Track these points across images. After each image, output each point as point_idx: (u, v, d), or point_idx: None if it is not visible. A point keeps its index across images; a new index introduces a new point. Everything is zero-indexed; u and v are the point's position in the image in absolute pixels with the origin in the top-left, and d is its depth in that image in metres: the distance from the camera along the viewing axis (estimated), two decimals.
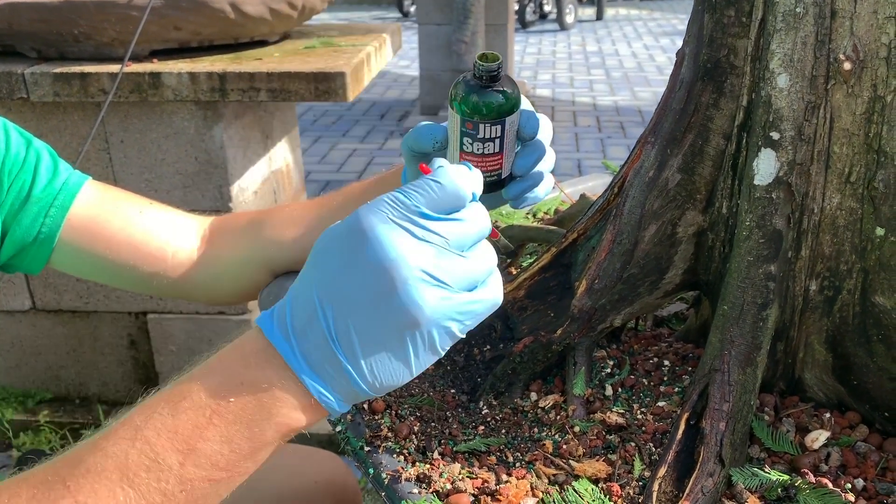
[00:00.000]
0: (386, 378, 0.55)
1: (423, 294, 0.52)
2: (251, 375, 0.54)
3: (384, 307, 0.53)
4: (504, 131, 0.73)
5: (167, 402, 0.55)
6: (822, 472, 0.69)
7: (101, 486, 0.52)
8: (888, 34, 0.62)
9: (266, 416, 0.54)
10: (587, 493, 0.67)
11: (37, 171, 0.90)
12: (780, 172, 0.69)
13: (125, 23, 1.75)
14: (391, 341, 0.54)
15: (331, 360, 0.54)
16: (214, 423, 0.54)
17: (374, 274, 0.53)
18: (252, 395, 0.54)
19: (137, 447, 0.53)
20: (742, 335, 0.72)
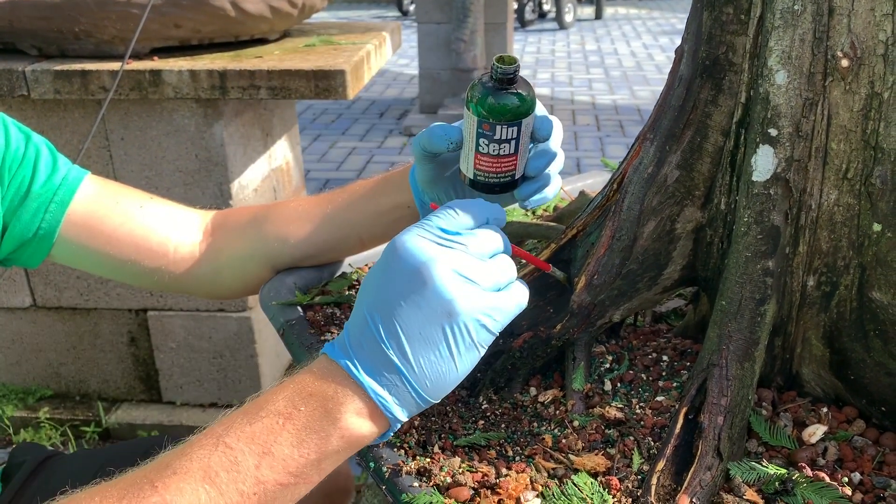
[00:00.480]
0: (434, 374, 0.61)
1: (454, 286, 0.60)
2: (318, 387, 0.61)
3: (423, 303, 0.60)
4: (520, 133, 0.74)
5: (245, 413, 0.61)
6: (819, 465, 0.70)
7: (186, 485, 0.57)
8: (885, 31, 0.62)
9: (332, 422, 0.60)
10: (586, 487, 0.68)
11: (36, 166, 0.90)
12: (778, 169, 0.69)
13: (126, 20, 1.75)
14: (434, 334, 0.60)
15: (384, 362, 0.60)
16: (287, 429, 0.60)
17: (409, 276, 0.60)
18: (319, 402, 0.60)
19: (219, 451, 0.59)
20: (740, 330, 0.72)
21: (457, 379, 0.63)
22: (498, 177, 0.78)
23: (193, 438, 0.61)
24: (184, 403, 2.26)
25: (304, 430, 0.60)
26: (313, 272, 1.01)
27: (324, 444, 0.60)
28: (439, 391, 0.62)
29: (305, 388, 0.61)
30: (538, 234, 0.95)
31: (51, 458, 1.11)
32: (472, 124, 0.75)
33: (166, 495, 0.56)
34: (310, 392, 0.61)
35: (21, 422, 2.24)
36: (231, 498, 0.57)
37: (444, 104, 5.49)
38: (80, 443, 2.22)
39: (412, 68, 7.17)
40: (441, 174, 0.87)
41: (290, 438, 0.59)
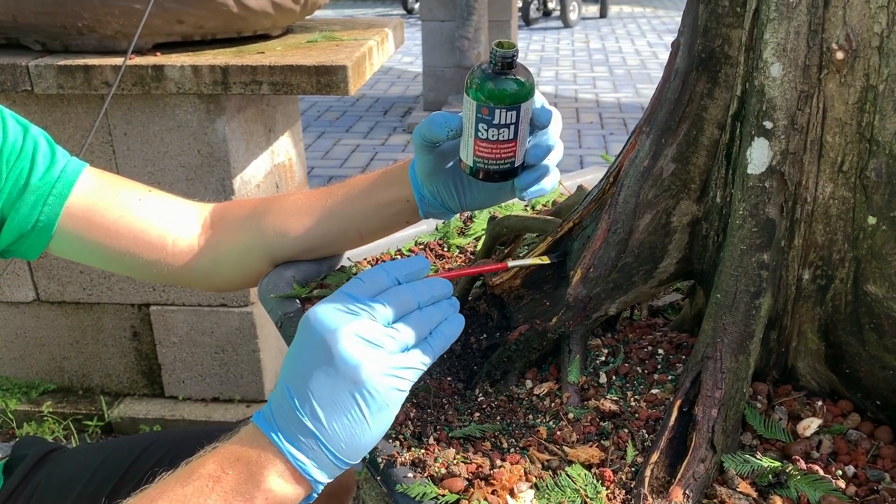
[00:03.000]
0: (348, 436, 0.64)
1: (357, 353, 0.63)
2: (244, 452, 0.65)
3: (331, 371, 0.63)
4: (519, 118, 0.74)
5: (178, 477, 0.65)
6: (813, 458, 0.70)
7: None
8: (880, 23, 0.62)
9: (255, 485, 0.63)
10: (580, 479, 0.68)
11: (34, 158, 0.90)
12: (773, 162, 0.69)
13: (129, 16, 1.76)
14: (344, 399, 0.63)
15: (300, 428, 0.64)
16: (216, 491, 0.63)
17: (317, 346, 0.64)
18: (245, 466, 0.64)
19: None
20: (734, 323, 0.72)
21: (372, 439, 0.65)
22: (497, 163, 0.78)
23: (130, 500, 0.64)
24: (186, 398, 2.27)
25: (231, 492, 0.63)
26: (312, 265, 1.01)
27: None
28: (355, 452, 0.65)
29: (233, 453, 0.65)
30: (536, 227, 0.95)
31: (53, 452, 1.11)
32: (472, 110, 0.75)
33: None
34: (237, 457, 0.64)
35: (24, 415, 2.25)
36: None
37: (447, 101, 5.49)
38: (83, 437, 2.23)
39: (416, 66, 7.17)
40: (441, 166, 0.87)
41: (219, 500, 0.63)
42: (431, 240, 1.12)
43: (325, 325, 0.65)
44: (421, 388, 0.81)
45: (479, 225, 1.14)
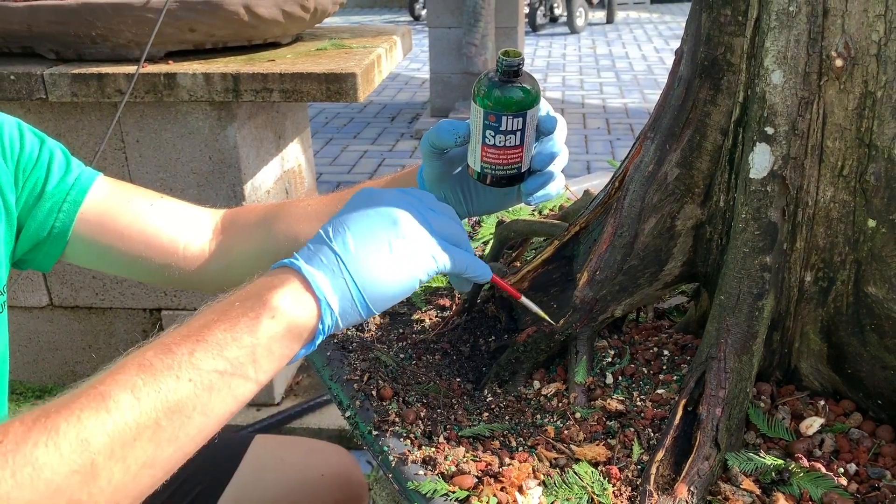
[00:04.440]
0: (371, 268, 0.64)
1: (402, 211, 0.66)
2: (257, 284, 0.64)
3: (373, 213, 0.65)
4: (525, 124, 0.76)
5: (187, 320, 0.63)
6: (815, 457, 0.71)
7: (121, 376, 0.58)
8: (878, 32, 0.64)
9: (262, 303, 0.61)
10: (587, 476, 0.69)
11: (49, 168, 0.93)
12: (775, 166, 0.71)
13: (141, 25, 1.79)
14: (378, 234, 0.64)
15: (325, 252, 0.64)
16: (221, 321, 0.61)
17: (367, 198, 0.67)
18: (254, 294, 0.63)
19: (155, 347, 0.60)
20: (738, 324, 0.74)
21: (392, 284, 0.65)
22: (504, 169, 0.80)
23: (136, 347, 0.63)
24: None
25: (237, 317, 0.61)
26: None
27: (255, 325, 0.61)
28: (375, 287, 0.64)
29: (246, 289, 0.64)
30: (543, 231, 0.97)
31: None
32: (479, 116, 0.77)
33: (101, 387, 0.57)
34: (246, 291, 0.64)
35: None
36: (166, 384, 0.58)
37: (455, 108, 5.52)
38: None
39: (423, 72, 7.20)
40: (449, 172, 0.89)
41: (224, 326, 0.61)
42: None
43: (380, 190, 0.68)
44: (431, 389, 0.82)
45: (488, 229, 1.16)
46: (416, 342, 0.92)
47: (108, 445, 0.55)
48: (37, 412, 0.56)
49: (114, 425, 0.55)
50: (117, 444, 0.55)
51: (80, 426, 0.54)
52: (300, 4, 1.93)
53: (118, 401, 0.56)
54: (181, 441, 0.59)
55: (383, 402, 0.80)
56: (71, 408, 0.56)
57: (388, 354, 0.88)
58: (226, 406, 0.61)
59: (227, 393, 0.61)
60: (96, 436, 0.54)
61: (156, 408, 0.57)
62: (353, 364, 0.86)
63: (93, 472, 0.54)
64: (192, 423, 0.59)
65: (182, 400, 0.58)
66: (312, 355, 0.89)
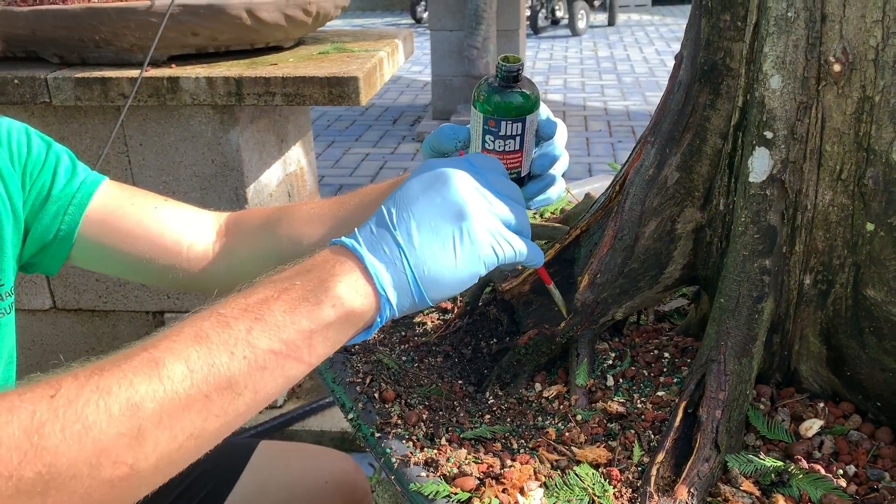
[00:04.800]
0: (434, 262, 0.63)
1: (471, 196, 0.65)
2: (318, 263, 0.64)
3: (439, 199, 0.64)
4: (524, 129, 0.77)
5: (244, 291, 0.63)
6: (815, 458, 0.72)
7: (176, 344, 0.58)
8: (875, 37, 0.65)
9: (324, 290, 0.61)
10: (588, 477, 0.70)
11: (56, 172, 0.94)
12: (774, 170, 0.71)
13: (144, 29, 1.80)
14: (443, 228, 0.64)
15: (388, 242, 0.63)
16: (282, 299, 0.61)
17: (432, 177, 0.65)
18: (316, 275, 0.62)
19: (212, 318, 0.60)
20: (738, 327, 0.74)
21: (452, 280, 0.64)
22: None
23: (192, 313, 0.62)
24: None
25: (297, 299, 0.61)
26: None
27: (315, 311, 0.61)
28: (434, 284, 0.64)
29: (305, 266, 0.64)
30: (544, 234, 0.98)
31: None
32: (479, 122, 0.78)
33: (154, 352, 0.57)
34: (308, 269, 0.63)
35: None
36: (220, 359, 0.58)
37: (456, 110, 5.53)
38: None
39: (425, 75, 7.22)
40: None
41: (283, 307, 0.60)
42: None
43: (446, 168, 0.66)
44: (433, 391, 0.83)
45: None
46: (419, 345, 0.92)
47: (158, 413, 0.55)
48: (90, 369, 0.56)
49: (164, 394, 0.55)
50: (166, 412, 0.55)
51: (132, 390, 0.54)
52: (302, 8, 1.94)
53: (171, 370, 0.56)
54: (229, 416, 0.59)
55: (385, 404, 0.81)
56: (124, 369, 0.55)
57: (390, 357, 0.89)
58: (276, 385, 0.61)
59: (280, 373, 0.61)
60: (146, 402, 0.54)
61: (208, 381, 0.57)
62: (356, 366, 0.87)
63: (140, 437, 0.54)
64: (241, 400, 0.59)
65: (235, 377, 0.58)
66: None
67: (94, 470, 0.53)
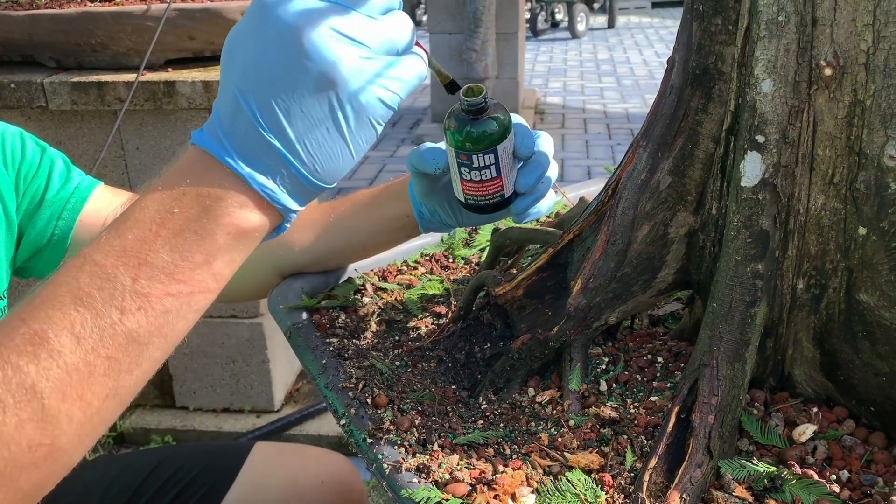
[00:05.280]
0: (323, 156, 0.54)
1: (334, 50, 0.51)
2: (192, 184, 0.54)
3: (300, 73, 0.51)
4: (498, 157, 0.76)
5: (113, 226, 0.54)
6: (808, 464, 0.72)
7: (55, 312, 0.51)
8: (866, 41, 0.65)
9: (212, 218, 0.54)
10: (580, 483, 0.70)
11: (50, 176, 0.94)
12: (766, 174, 0.71)
13: (141, 33, 1.80)
14: (317, 110, 0.52)
15: (263, 146, 0.53)
16: (161, 236, 0.53)
17: (283, 43, 0.51)
18: (195, 201, 0.53)
19: (87, 270, 0.53)
20: (730, 332, 0.74)
21: (351, 161, 0.56)
22: (487, 199, 0.80)
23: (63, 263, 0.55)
24: (197, 408, 2.30)
25: (181, 233, 0.53)
26: (320, 277, 1.04)
27: (208, 244, 0.54)
28: (333, 174, 0.56)
29: (176, 188, 0.54)
30: (538, 239, 0.97)
31: None
32: (452, 154, 0.77)
33: (34, 325, 0.51)
34: (182, 191, 0.54)
35: None
36: (110, 318, 0.52)
37: None
38: (95, 446, 2.26)
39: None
40: (436, 187, 0.89)
41: (167, 245, 0.53)
42: (437, 251, 1.15)
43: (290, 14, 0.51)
44: (426, 397, 0.83)
45: (484, 236, 1.17)
46: (412, 349, 0.92)
47: (59, 389, 0.50)
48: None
49: (59, 369, 0.50)
50: (68, 386, 0.51)
51: (22, 375, 0.50)
52: None
53: (59, 343, 0.51)
54: (143, 367, 0.55)
55: (378, 409, 0.81)
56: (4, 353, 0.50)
57: (383, 362, 0.89)
58: (187, 322, 0.56)
59: (187, 310, 0.55)
60: (41, 382, 0.50)
61: (105, 344, 0.52)
62: (349, 372, 0.86)
63: (47, 417, 0.50)
64: (152, 348, 0.54)
65: (134, 331, 0.52)
66: (308, 363, 0.90)
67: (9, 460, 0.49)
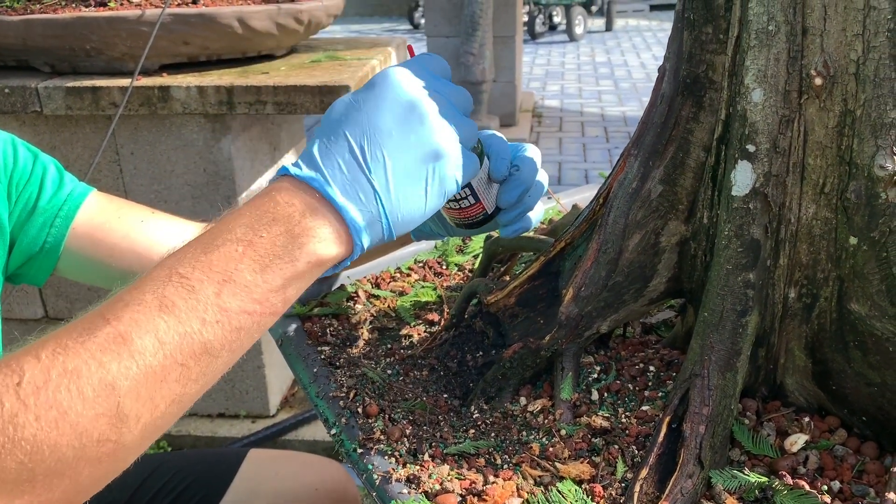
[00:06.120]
0: (406, 208, 0.60)
1: (446, 133, 0.60)
2: (282, 210, 0.58)
3: (415, 139, 0.59)
4: (474, 189, 0.77)
5: (199, 242, 0.58)
6: (799, 474, 0.71)
7: (141, 315, 0.54)
8: (856, 51, 0.64)
9: (298, 246, 0.57)
10: (570, 494, 0.69)
11: (42, 183, 0.93)
12: (757, 184, 0.71)
13: (135, 38, 1.79)
14: (416, 171, 0.60)
15: (363, 187, 0.58)
16: (248, 256, 0.56)
17: (404, 109, 0.59)
18: (283, 226, 0.57)
19: (174, 281, 0.56)
20: (722, 341, 0.74)
21: (422, 219, 0.62)
22: (470, 219, 0.81)
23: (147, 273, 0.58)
24: (192, 414, 2.29)
25: (266, 256, 0.57)
26: (313, 285, 1.03)
27: (289, 269, 0.58)
28: (405, 226, 0.62)
29: (266, 212, 0.58)
30: (530, 247, 0.97)
31: None
32: None
33: (119, 326, 0.54)
34: (272, 217, 0.58)
35: None
36: (191, 326, 0.55)
37: None
38: None
39: None
40: None
41: (253, 265, 0.57)
42: (431, 258, 1.14)
43: (415, 87, 0.60)
44: (417, 406, 0.82)
45: (477, 243, 1.16)
46: (404, 358, 0.92)
47: (134, 389, 0.53)
48: (51, 346, 0.53)
49: (138, 369, 0.53)
50: (143, 387, 0.54)
51: (104, 371, 0.52)
52: (294, 17, 1.94)
53: (142, 344, 0.54)
54: (208, 377, 0.58)
55: (369, 419, 0.80)
56: (90, 348, 0.53)
57: (375, 371, 0.88)
58: (252, 340, 0.59)
59: (256, 329, 0.59)
60: (121, 380, 0.53)
61: (182, 351, 0.55)
62: (340, 381, 0.86)
63: (119, 415, 0.53)
64: (219, 361, 0.57)
65: (210, 342, 0.56)
66: (299, 372, 0.89)
67: (79, 451, 0.51)
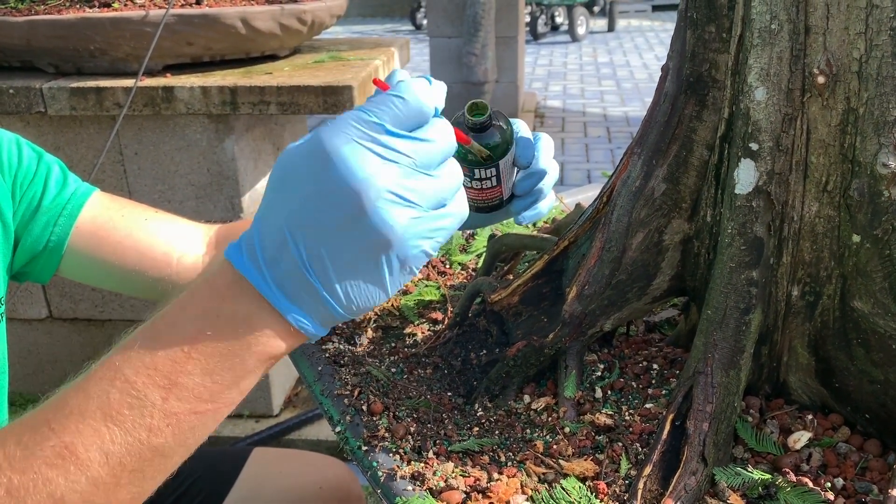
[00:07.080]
0: (362, 301, 0.55)
1: (393, 215, 0.52)
2: (227, 309, 0.54)
3: (356, 231, 0.52)
4: (500, 170, 0.76)
5: (144, 339, 0.55)
6: (803, 471, 0.71)
7: (85, 426, 0.53)
8: (859, 49, 0.65)
9: (245, 346, 0.55)
10: (574, 491, 0.70)
11: (47, 182, 0.94)
12: (760, 182, 0.71)
13: (139, 39, 1.80)
14: (365, 264, 0.53)
15: (306, 287, 0.53)
16: (194, 358, 0.54)
17: (342, 197, 0.51)
18: (229, 327, 0.54)
19: (118, 386, 0.54)
20: (725, 339, 0.74)
21: (383, 300, 0.57)
22: (486, 202, 0.81)
23: (91, 371, 0.56)
24: None
25: (213, 357, 0.54)
26: None
27: (238, 368, 0.55)
28: (365, 310, 0.57)
29: (210, 309, 0.55)
30: (534, 245, 0.97)
31: None
32: None
33: (65, 437, 0.53)
34: (216, 315, 0.54)
35: None
36: (139, 435, 0.53)
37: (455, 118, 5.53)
38: None
39: None
40: None
41: (199, 368, 0.54)
42: (434, 256, 1.15)
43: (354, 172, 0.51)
44: (421, 404, 0.83)
45: (481, 242, 1.17)
46: (408, 356, 0.92)
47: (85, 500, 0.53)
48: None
49: (87, 481, 0.53)
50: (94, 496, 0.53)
51: (52, 486, 0.52)
52: (297, 17, 1.94)
53: (88, 457, 0.53)
54: (166, 471, 0.57)
55: (373, 417, 0.81)
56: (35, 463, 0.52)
57: (379, 369, 0.89)
58: (209, 432, 0.58)
59: (211, 423, 0.57)
60: (69, 494, 0.52)
61: (131, 458, 0.54)
62: (345, 379, 0.86)
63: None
64: (175, 458, 0.57)
65: (160, 446, 0.55)
66: (304, 370, 0.90)
67: None
